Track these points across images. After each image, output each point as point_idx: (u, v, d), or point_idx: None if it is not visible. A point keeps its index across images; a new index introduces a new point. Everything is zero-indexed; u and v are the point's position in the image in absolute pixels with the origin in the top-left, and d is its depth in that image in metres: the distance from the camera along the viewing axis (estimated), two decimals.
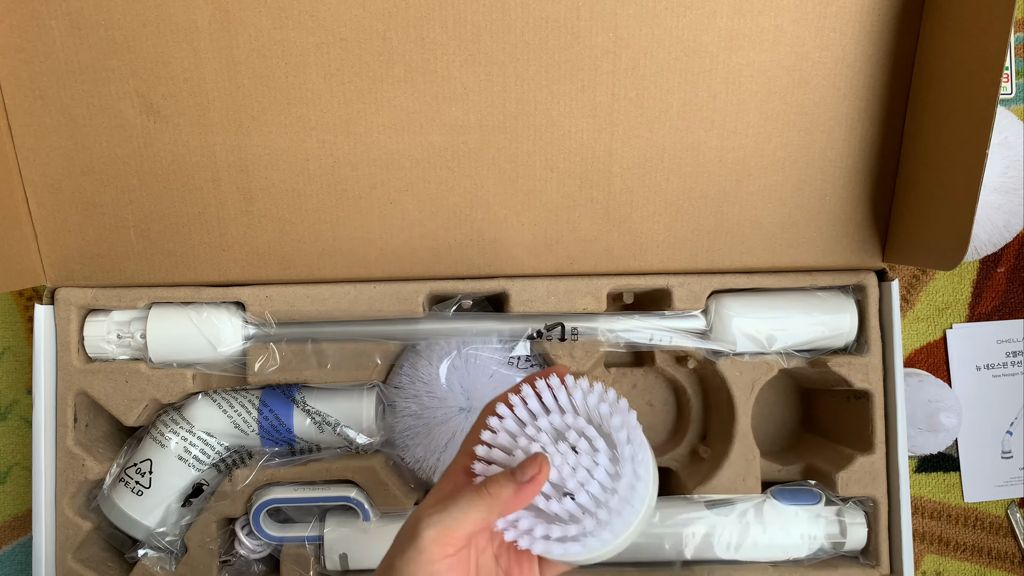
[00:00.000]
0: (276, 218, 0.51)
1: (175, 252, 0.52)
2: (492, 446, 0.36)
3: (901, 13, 0.49)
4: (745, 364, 0.53)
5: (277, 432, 0.52)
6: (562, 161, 0.51)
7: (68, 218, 0.51)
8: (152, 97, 0.49)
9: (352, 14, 0.48)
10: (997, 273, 0.63)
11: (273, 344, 0.52)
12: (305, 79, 0.49)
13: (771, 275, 0.53)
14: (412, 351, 0.53)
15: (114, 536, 0.55)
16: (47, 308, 0.52)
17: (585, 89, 0.49)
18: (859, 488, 0.53)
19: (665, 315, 0.53)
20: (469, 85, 0.49)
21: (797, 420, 0.62)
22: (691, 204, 0.52)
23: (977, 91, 0.43)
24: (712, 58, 0.49)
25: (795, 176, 0.51)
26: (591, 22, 0.48)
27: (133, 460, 0.53)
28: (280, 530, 0.53)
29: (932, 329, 0.63)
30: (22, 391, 0.60)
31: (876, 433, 0.53)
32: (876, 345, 0.53)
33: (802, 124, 0.51)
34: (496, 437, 0.36)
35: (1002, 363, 0.63)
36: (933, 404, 0.58)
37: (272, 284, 0.52)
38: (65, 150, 0.50)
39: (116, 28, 0.48)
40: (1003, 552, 0.63)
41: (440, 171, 0.51)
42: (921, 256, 0.49)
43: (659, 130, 0.50)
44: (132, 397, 0.52)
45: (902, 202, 0.51)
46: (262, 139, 0.50)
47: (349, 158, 0.50)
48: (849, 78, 0.50)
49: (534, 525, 0.34)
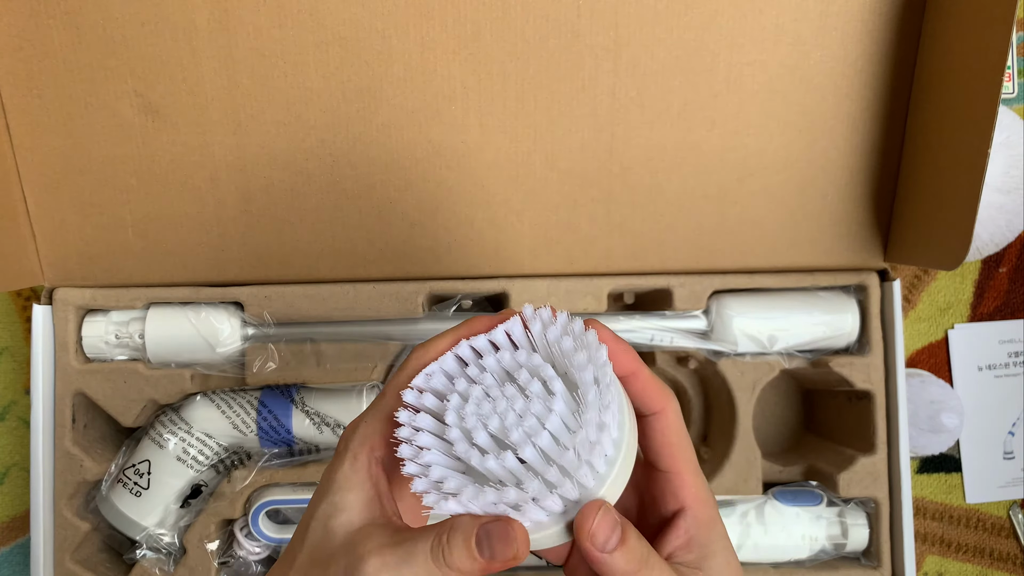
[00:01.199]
0: (275, 218, 0.51)
1: (174, 252, 0.51)
2: (423, 391, 0.28)
3: (903, 12, 0.49)
4: (746, 364, 0.53)
5: (276, 433, 0.52)
6: (562, 160, 0.50)
7: (66, 218, 0.51)
8: (150, 96, 0.49)
9: (351, 13, 0.47)
10: (999, 273, 0.63)
11: (272, 344, 0.52)
12: (304, 78, 0.48)
13: (772, 275, 0.53)
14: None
15: (112, 537, 0.55)
16: (45, 308, 0.51)
17: (585, 88, 0.49)
18: (860, 489, 0.53)
19: (666, 315, 0.53)
20: (469, 84, 0.49)
21: (798, 421, 0.61)
22: (692, 204, 0.51)
23: (979, 90, 0.43)
24: (713, 57, 0.49)
25: (797, 176, 0.51)
26: (592, 21, 0.48)
27: (131, 461, 0.52)
28: (279, 531, 0.53)
29: (934, 329, 0.63)
30: (20, 392, 0.60)
31: (878, 434, 0.53)
32: (878, 345, 0.53)
33: (804, 123, 0.50)
34: (430, 380, 0.28)
35: (1004, 363, 0.63)
36: (935, 405, 0.57)
37: (271, 284, 0.52)
38: (63, 149, 0.50)
39: (114, 27, 0.48)
40: (1005, 553, 0.63)
41: (440, 171, 0.50)
42: (923, 256, 0.49)
43: (660, 129, 0.50)
44: (130, 398, 0.52)
45: (904, 202, 0.51)
46: (261, 138, 0.50)
47: (348, 157, 0.50)
48: (851, 77, 0.50)
49: (462, 486, 0.25)
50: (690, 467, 0.29)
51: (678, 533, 0.29)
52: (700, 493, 0.29)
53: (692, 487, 0.29)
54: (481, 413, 0.26)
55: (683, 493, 0.29)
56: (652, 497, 0.30)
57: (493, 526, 0.25)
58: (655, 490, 0.30)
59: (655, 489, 0.30)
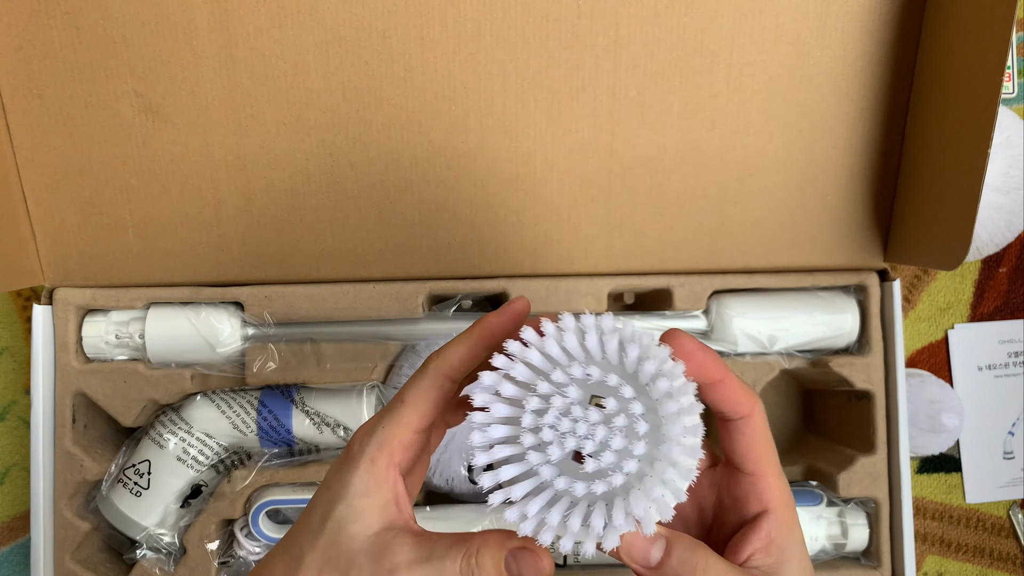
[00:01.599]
0: (275, 218, 0.51)
1: (174, 252, 0.51)
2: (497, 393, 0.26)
3: (903, 12, 0.49)
4: (746, 364, 0.53)
5: (276, 433, 0.52)
6: (562, 161, 0.50)
7: (66, 218, 0.51)
8: (151, 96, 0.49)
9: (351, 13, 0.47)
10: (999, 273, 0.63)
11: (272, 344, 0.52)
12: (304, 78, 0.48)
13: (772, 275, 0.53)
14: (412, 351, 0.53)
15: (113, 537, 0.55)
16: (45, 308, 0.51)
17: (586, 88, 0.49)
18: (860, 489, 0.53)
19: (666, 315, 0.53)
20: (469, 84, 0.49)
21: (798, 421, 0.61)
22: (692, 204, 0.51)
23: (979, 90, 0.43)
24: (713, 57, 0.49)
25: (797, 176, 0.51)
26: (592, 21, 0.48)
27: (131, 461, 0.52)
28: (279, 531, 0.53)
29: (934, 329, 0.63)
30: (20, 392, 0.60)
31: (878, 434, 0.53)
32: (878, 345, 0.53)
33: (804, 123, 0.50)
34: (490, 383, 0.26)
35: (1004, 363, 0.63)
36: (935, 405, 0.57)
37: (271, 284, 0.52)
38: (63, 150, 0.50)
39: (115, 27, 0.48)
40: (1005, 553, 0.63)
41: (440, 171, 0.50)
42: (923, 256, 0.49)
43: (660, 129, 0.50)
44: (130, 398, 0.52)
45: (904, 202, 0.51)
46: (261, 138, 0.50)
47: (348, 157, 0.50)
48: (851, 77, 0.50)
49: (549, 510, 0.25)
50: (774, 470, 0.29)
51: (759, 535, 0.29)
52: (784, 496, 0.29)
53: (776, 489, 0.29)
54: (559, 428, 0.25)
55: (768, 495, 0.29)
56: (735, 499, 0.30)
57: (523, 558, 0.26)
58: (738, 491, 0.30)
59: (738, 491, 0.30)
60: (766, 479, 0.29)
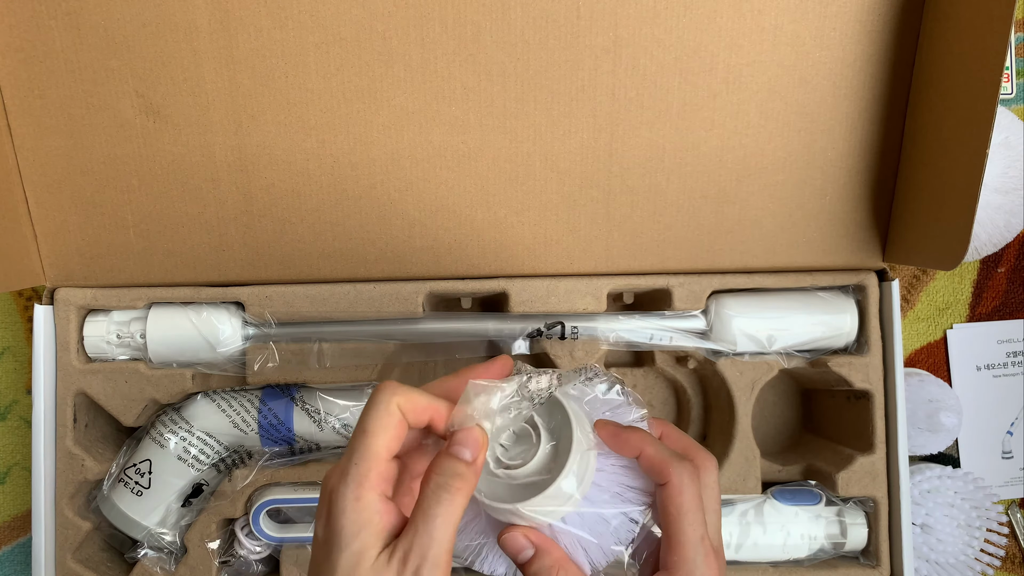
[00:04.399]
0: (276, 218, 0.51)
1: (175, 252, 0.52)
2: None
3: (901, 13, 0.49)
4: (745, 364, 0.53)
5: (277, 431, 0.52)
6: (562, 161, 0.51)
7: (68, 218, 0.51)
8: (152, 97, 0.49)
9: (352, 14, 0.48)
10: (998, 273, 0.63)
11: (273, 344, 0.52)
12: (305, 79, 0.49)
13: (771, 275, 0.53)
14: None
15: (114, 536, 0.55)
16: (46, 308, 0.52)
17: (585, 89, 0.49)
18: (859, 488, 0.53)
19: (665, 315, 0.53)
20: (469, 85, 0.49)
21: (797, 420, 0.62)
22: (691, 204, 0.52)
23: (977, 91, 0.43)
24: (712, 58, 0.49)
25: (795, 176, 0.51)
26: (591, 21, 0.48)
27: (132, 460, 0.53)
28: (280, 530, 0.53)
29: (932, 329, 0.63)
30: (22, 391, 0.60)
31: (876, 433, 0.53)
32: (876, 345, 0.53)
33: (802, 124, 0.51)
34: None
35: (1002, 363, 0.63)
36: (933, 404, 0.57)
37: (272, 284, 0.52)
38: (65, 150, 0.50)
39: (116, 28, 0.48)
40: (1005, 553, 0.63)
41: (440, 171, 0.51)
42: (921, 256, 0.49)
43: (659, 130, 0.50)
44: (131, 397, 0.52)
45: (902, 202, 0.51)
46: (262, 139, 0.50)
47: (349, 158, 0.50)
48: (849, 78, 0.50)
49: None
50: (688, 535, 0.32)
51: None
52: (688, 559, 0.32)
53: (677, 554, 0.32)
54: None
55: (669, 559, 0.32)
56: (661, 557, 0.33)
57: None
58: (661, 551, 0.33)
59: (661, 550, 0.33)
60: (672, 541, 0.32)
